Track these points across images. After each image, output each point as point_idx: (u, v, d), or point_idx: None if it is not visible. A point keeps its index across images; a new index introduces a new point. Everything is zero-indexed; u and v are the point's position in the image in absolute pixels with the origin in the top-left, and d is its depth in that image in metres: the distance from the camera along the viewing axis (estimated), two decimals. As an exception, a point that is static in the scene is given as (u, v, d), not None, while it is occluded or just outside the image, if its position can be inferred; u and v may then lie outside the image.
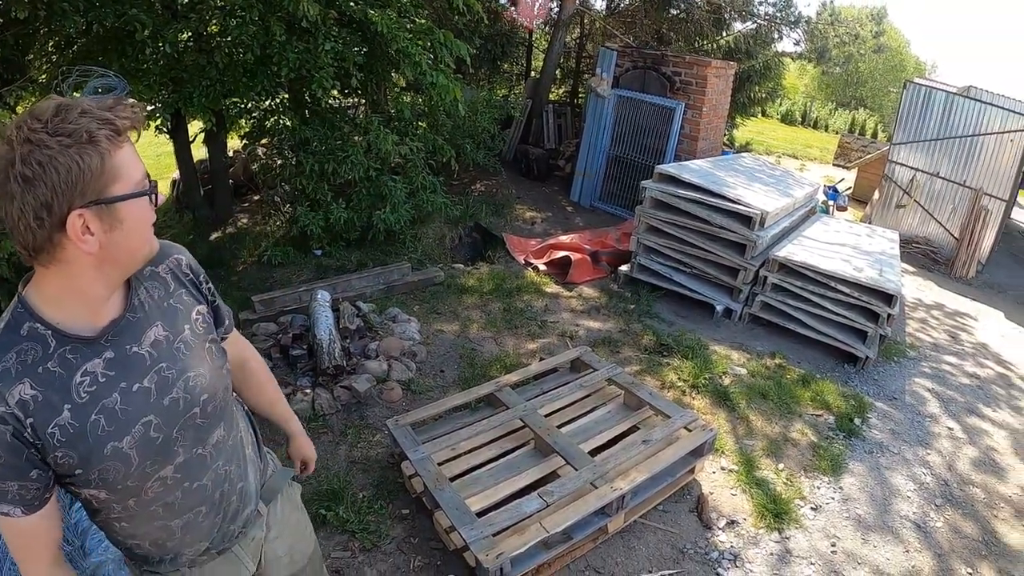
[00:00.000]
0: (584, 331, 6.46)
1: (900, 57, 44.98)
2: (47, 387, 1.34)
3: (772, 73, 16.47)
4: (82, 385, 1.39)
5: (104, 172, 1.25)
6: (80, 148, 1.21)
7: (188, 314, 1.63)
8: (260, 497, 1.94)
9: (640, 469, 3.80)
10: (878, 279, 6.23)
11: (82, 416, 1.38)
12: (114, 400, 1.43)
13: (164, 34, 6.24)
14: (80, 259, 1.30)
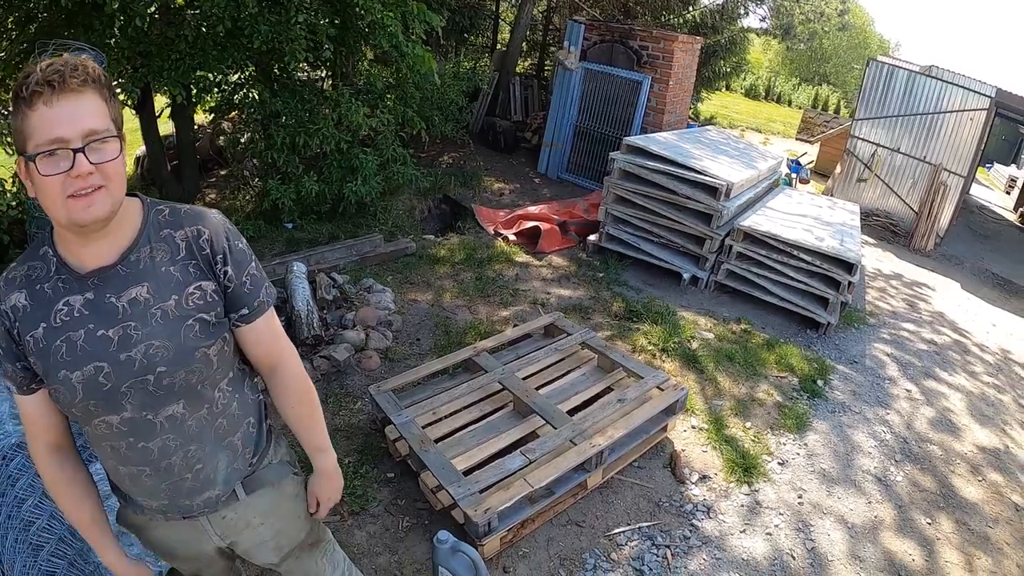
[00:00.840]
0: (555, 299, 6.58)
1: (864, 35, 45.36)
2: (36, 303, 1.55)
3: (737, 48, 16.61)
4: (60, 312, 1.55)
5: (24, 129, 1.39)
6: (17, 104, 1.39)
7: (183, 286, 1.65)
8: (243, 485, 1.92)
9: (617, 427, 3.94)
10: (839, 248, 6.41)
11: (50, 337, 1.55)
12: (79, 336, 1.56)
13: (133, 7, 6.19)
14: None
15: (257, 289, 1.78)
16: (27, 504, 2.87)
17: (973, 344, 7.17)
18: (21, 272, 1.57)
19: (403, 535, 3.65)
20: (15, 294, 1.55)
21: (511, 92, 12.57)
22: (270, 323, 1.84)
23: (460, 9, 13.26)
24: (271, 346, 1.86)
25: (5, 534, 2.79)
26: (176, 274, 1.64)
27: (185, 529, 1.89)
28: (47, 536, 2.82)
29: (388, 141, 8.15)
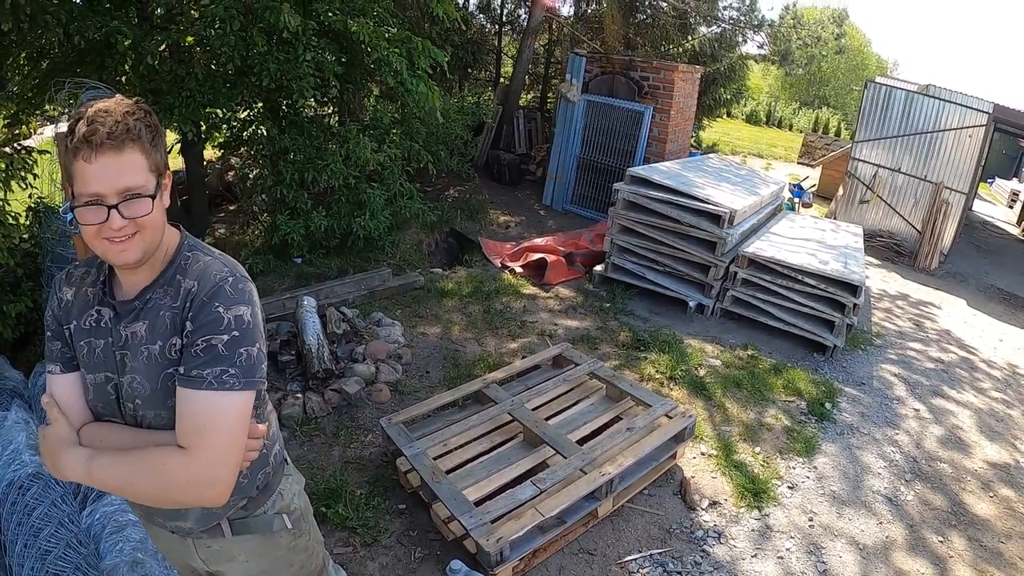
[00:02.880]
0: (563, 330, 6.64)
1: (862, 56, 45.50)
2: (76, 301, 1.74)
3: (737, 75, 16.75)
4: (89, 317, 1.72)
5: (69, 171, 1.52)
6: (64, 151, 1.51)
7: (169, 336, 1.64)
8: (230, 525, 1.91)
9: (626, 455, 3.99)
10: (843, 271, 6.47)
11: (77, 336, 1.73)
12: (99, 344, 1.71)
13: (144, 46, 6.31)
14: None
15: (208, 361, 1.60)
16: (44, 533, 2.93)
17: (980, 360, 7.21)
18: (80, 271, 1.77)
19: (415, 566, 3.68)
20: (67, 289, 1.76)
21: (515, 125, 12.68)
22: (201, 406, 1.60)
23: (463, 44, 13.44)
24: (183, 426, 1.61)
25: (23, 563, 2.83)
26: (167, 321, 1.64)
27: (174, 541, 1.96)
28: (63, 565, 2.84)
29: (395, 176, 8.25)
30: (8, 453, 3.33)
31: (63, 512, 3.09)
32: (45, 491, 3.15)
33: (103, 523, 3.16)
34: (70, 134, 1.47)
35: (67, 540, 2.94)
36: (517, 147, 12.75)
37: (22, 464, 3.25)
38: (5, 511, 3.06)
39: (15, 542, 2.91)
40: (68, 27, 5.77)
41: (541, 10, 12.02)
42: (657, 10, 13.55)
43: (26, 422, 3.61)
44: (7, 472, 3.22)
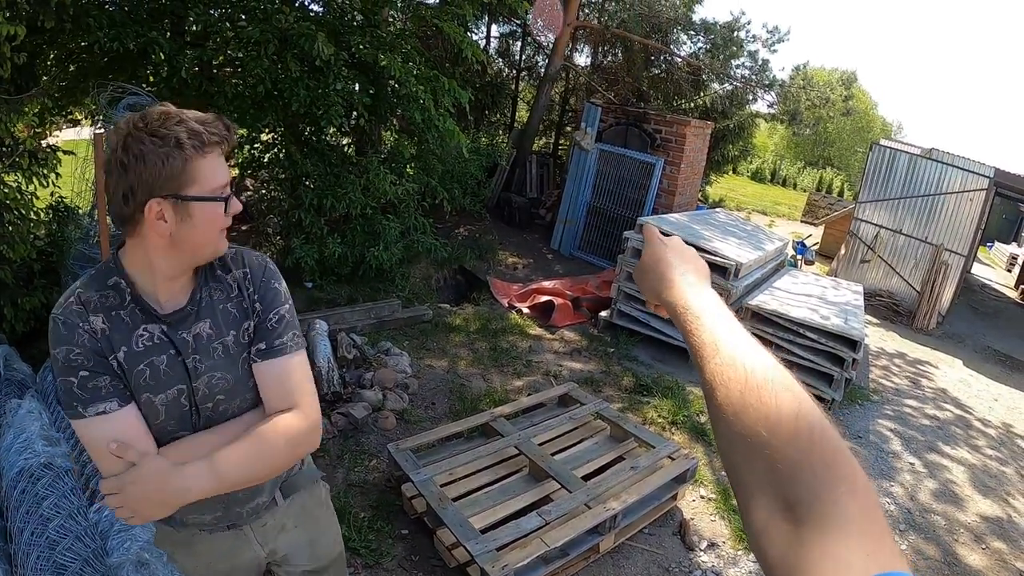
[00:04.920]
0: (567, 371, 6.74)
1: (867, 118, 45.69)
2: (114, 328, 1.62)
3: (745, 132, 16.95)
4: (141, 338, 1.65)
5: (184, 173, 1.53)
6: (168, 150, 1.49)
7: (240, 323, 1.79)
8: (280, 490, 2.04)
9: (630, 492, 4.08)
10: (843, 326, 6.58)
11: (132, 361, 1.63)
12: (161, 360, 1.67)
13: (178, 59, 6.47)
14: (151, 238, 1.57)
15: (282, 330, 1.82)
16: (53, 524, 2.91)
17: (975, 419, 7.32)
18: (94, 297, 1.61)
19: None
20: (93, 317, 1.59)
21: (527, 169, 12.83)
22: (288, 368, 1.81)
23: (483, 87, 13.65)
24: (278, 390, 1.81)
25: (29, 551, 2.83)
26: (233, 311, 1.79)
27: (228, 540, 1.98)
28: (71, 557, 2.83)
29: (411, 210, 8.37)
30: (21, 442, 3.36)
31: (73, 505, 3.09)
32: (56, 482, 3.16)
33: (111, 520, 3.14)
34: (203, 130, 1.54)
35: (76, 533, 2.93)
36: (528, 191, 12.90)
37: (34, 453, 3.26)
38: (14, 498, 3.08)
39: (23, 530, 2.92)
40: (108, 32, 5.94)
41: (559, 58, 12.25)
42: (672, 65, 13.76)
43: (39, 412, 3.64)
44: (18, 460, 3.24)
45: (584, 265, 10.83)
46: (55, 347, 1.56)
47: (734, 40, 13.62)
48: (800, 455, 0.74)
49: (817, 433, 0.76)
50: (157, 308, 1.67)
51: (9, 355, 4.60)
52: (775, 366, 0.88)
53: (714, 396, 0.89)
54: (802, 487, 0.72)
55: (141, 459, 1.58)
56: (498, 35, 15.50)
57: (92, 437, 1.57)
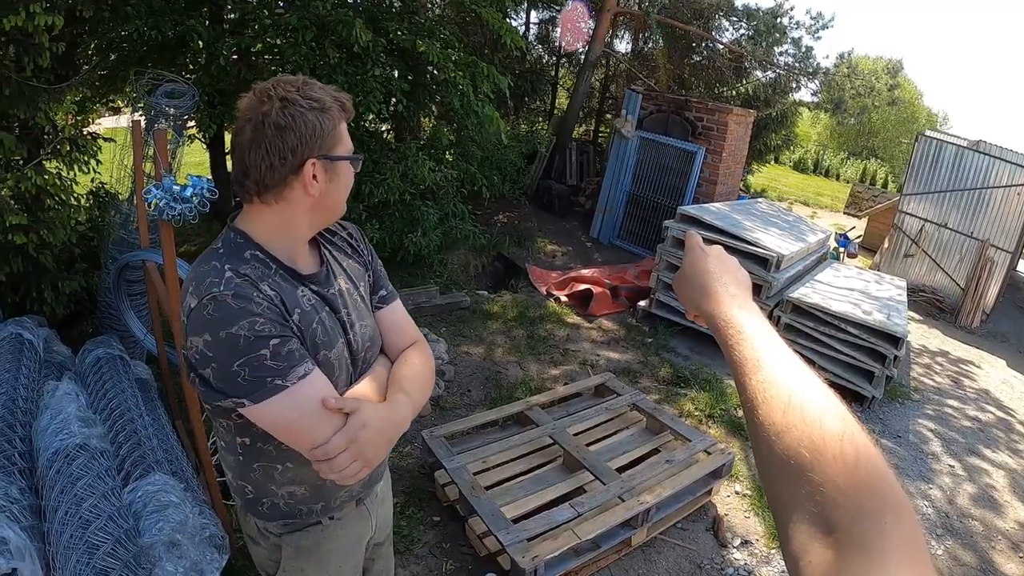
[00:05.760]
0: (604, 360, 6.72)
1: (912, 108, 44.83)
2: (280, 292, 1.59)
3: (788, 121, 16.71)
4: (304, 298, 1.66)
5: (333, 135, 1.60)
6: (321, 112, 1.56)
7: (363, 276, 1.91)
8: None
9: (664, 486, 4.06)
10: (885, 322, 6.48)
11: (307, 320, 1.63)
12: (324, 317, 1.69)
13: (216, 47, 6.52)
14: (300, 200, 1.61)
15: (386, 280, 2.00)
16: (86, 504, 2.94)
17: (1018, 422, 7.16)
18: (249, 269, 1.56)
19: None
20: (263, 286, 1.54)
21: (567, 157, 12.76)
22: (401, 311, 2.00)
23: (522, 73, 13.60)
24: (406, 328, 1.98)
25: (62, 530, 2.86)
26: (356, 266, 1.90)
27: (357, 522, 2.00)
28: (104, 536, 2.85)
29: (449, 196, 8.39)
30: (57, 422, 3.39)
31: (107, 485, 3.13)
32: (91, 463, 3.20)
33: (144, 501, 3.20)
34: (336, 104, 1.61)
35: (109, 513, 2.97)
36: (568, 178, 12.84)
37: (70, 434, 3.30)
38: (49, 478, 3.11)
39: (56, 509, 2.94)
40: (147, 21, 5.99)
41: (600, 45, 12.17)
42: (713, 52, 13.60)
43: (76, 394, 3.68)
44: (54, 441, 3.27)
45: (623, 254, 10.78)
46: (229, 326, 1.45)
47: (777, 26, 13.43)
48: (844, 480, 0.73)
49: (863, 457, 0.75)
50: (301, 270, 1.69)
51: (49, 337, 4.69)
52: (819, 386, 0.86)
53: (755, 414, 0.87)
54: (845, 512, 0.71)
55: (360, 404, 1.60)
56: (537, 21, 15.42)
57: (297, 404, 1.52)
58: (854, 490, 0.72)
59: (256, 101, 1.53)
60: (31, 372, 4.02)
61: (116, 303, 5.00)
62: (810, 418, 0.80)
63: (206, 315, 1.45)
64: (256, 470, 1.73)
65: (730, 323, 1.06)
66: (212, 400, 1.53)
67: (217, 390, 1.49)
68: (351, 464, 1.54)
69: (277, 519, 1.83)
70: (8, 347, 4.09)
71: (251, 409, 1.50)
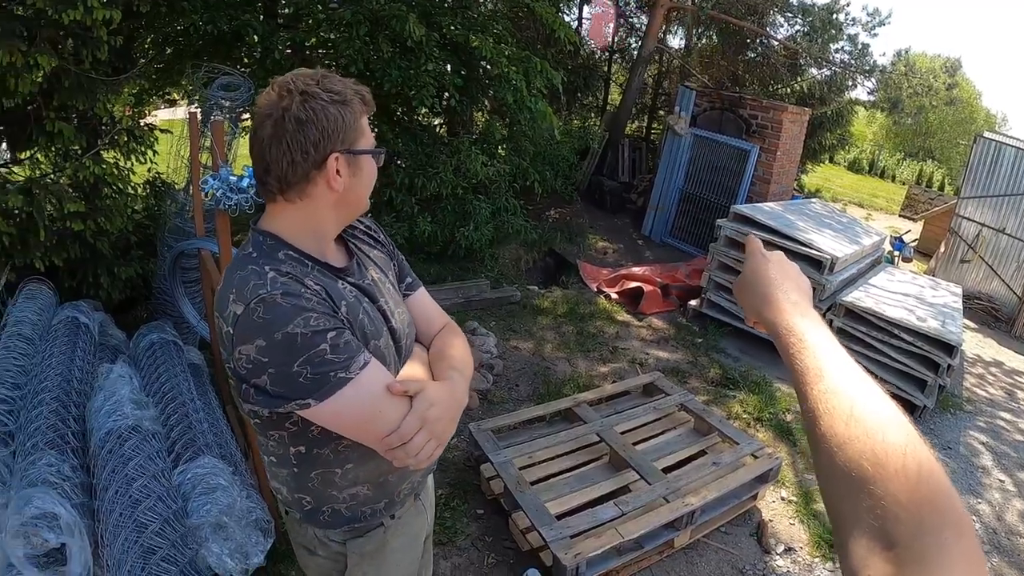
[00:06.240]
0: (653, 359, 6.71)
1: (970, 109, 43.84)
2: (324, 285, 1.55)
3: (843, 120, 16.46)
4: (346, 290, 1.63)
5: (355, 128, 1.56)
6: (343, 105, 1.53)
7: (389, 266, 1.91)
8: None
9: (710, 488, 4.04)
10: (940, 330, 6.37)
11: (353, 312, 1.60)
12: (368, 308, 1.67)
13: (271, 41, 6.61)
14: (324, 196, 1.57)
15: (409, 268, 2.02)
16: (137, 484, 3.03)
17: (1073, 440, 7.01)
18: (288, 267, 1.52)
19: (487, 571, 3.80)
20: (308, 282, 1.51)
21: (620, 153, 12.72)
22: (427, 296, 2.02)
23: (575, 69, 13.57)
24: (436, 312, 2.01)
25: (112, 508, 2.94)
26: (382, 256, 1.91)
27: (415, 518, 2.00)
28: (152, 516, 2.94)
29: (502, 191, 8.42)
30: (111, 404, 3.47)
31: (157, 466, 3.23)
32: (142, 444, 3.29)
33: (193, 483, 3.27)
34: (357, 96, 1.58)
35: (159, 493, 3.06)
36: (620, 175, 12.80)
37: (123, 416, 3.38)
38: (101, 458, 3.18)
39: (107, 488, 3.02)
40: (203, 16, 6.10)
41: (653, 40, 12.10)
42: (768, 48, 13.48)
43: (130, 377, 3.77)
44: (107, 421, 3.35)
45: (675, 252, 10.73)
46: (284, 326, 1.41)
47: (833, 23, 13.29)
48: (906, 494, 0.72)
49: (925, 471, 0.74)
50: (334, 265, 1.67)
51: (104, 322, 4.81)
52: (882, 397, 0.86)
53: (816, 424, 0.87)
54: (905, 527, 0.70)
55: (423, 385, 1.60)
56: (589, 16, 15.36)
57: (364, 394, 1.49)
58: (915, 505, 0.71)
59: (276, 96, 1.51)
60: (86, 354, 4.13)
61: (171, 289, 5.12)
62: (872, 430, 0.80)
63: (256, 319, 1.41)
64: (314, 479, 1.70)
65: (792, 331, 1.05)
66: (271, 407, 1.48)
67: (276, 396, 1.45)
68: (426, 444, 1.53)
69: (340, 526, 1.80)
70: (64, 330, 4.21)
71: (317, 408, 1.46)
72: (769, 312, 1.16)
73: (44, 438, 3.22)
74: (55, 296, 4.73)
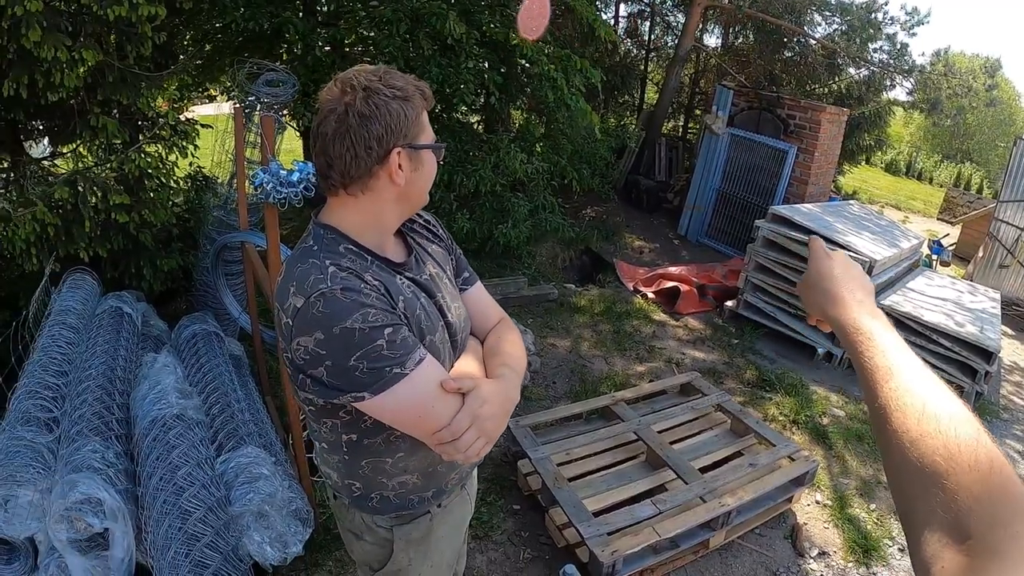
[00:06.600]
0: (689, 359, 6.73)
1: (1010, 110, 42.95)
2: (383, 281, 1.57)
3: (881, 121, 16.31)
4: (404, 285, 1.65)
5: (416, 123, 1.58)
6: (405, 100, 1.55)
7: (447, 261, 1.93)
8: None
9: (746, 489, 4.06)
10: (979, 335, 6.34)
11: (411, 307, 1.62)
12: (424, 303, 1.69)
13: (311, 38, 6.69)
14: (386, 190, 1.60)
15: (466, 263, 2.04)
16: (181, 472, 3.11)
17: (1111, 450, 6.93)
18: (346, 263, 1.54)
19: (523, 566, 3.84)
20: (368, 277, 1.53)
21: (656, 152, 12.68)
22: (484, 291, 2.04)
23: (612, 67, 13.57)
24: (492, 307, 2.03)
25: (156, 495, 3.01)
26: (440, 251, 1.92)
27: (460, 506, 2.05)
28: (196, 504, 3.01)
29: (540, 189, 8.46)
30: (155, 392, 3.56)
31: (201, 455, 3.30)
32: (186, 432, 3.36)
33: (236, 472, 3.34)
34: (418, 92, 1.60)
35: (202, 481, 3.13)
36: (657, 174, 12.76)
37: (168, 404, 3.46)
38: (146, 445, 3.26)
39: (152, 475, 3.10)
40: (243, 13, 6.19)
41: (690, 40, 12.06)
42: (806, 48, 13.38)
43: (174, 366, 3.86)
44: (152, 410, 3.44)
45: (711, 252, 10.70)
46: (343, 321, 1.44)
47: (871, 22, 13.13)
48: (979, 487, 0.75)
49: (996, 465, 0.77)
50: (393, 260, 1.70)
51: (147, 312, 4.92)
52: (951, 395, 0.89)
53: (888, 421, 0.89)
54: (979, 519, 0.73)
55: (476, 382, 1.62)
56: (626, 14, 15.36)
57: (418, 390, 1.52)
58: (988, 497, 0.74)
59: (339, 91, 1.53)
60: (129, 344, 4.23)
61: (213, 281, 5.21)
62: (945, 426, 0.82)
63: (316, 313, 1.44)
64: (365, 466, 1.75)
65: (860, 330, 1.08)
66: (327, 398, 1.53)
67: (332, 387, 1.49)
68: (476, 441, 1.55)
69: (389, 512, 1.84)
70: (108, 319, 4.31)
71: (371, 401, 1.50)
72: (835, 310, 1.19)
73: (89, 425, 3.30)
74: (99, 286, 4.82)
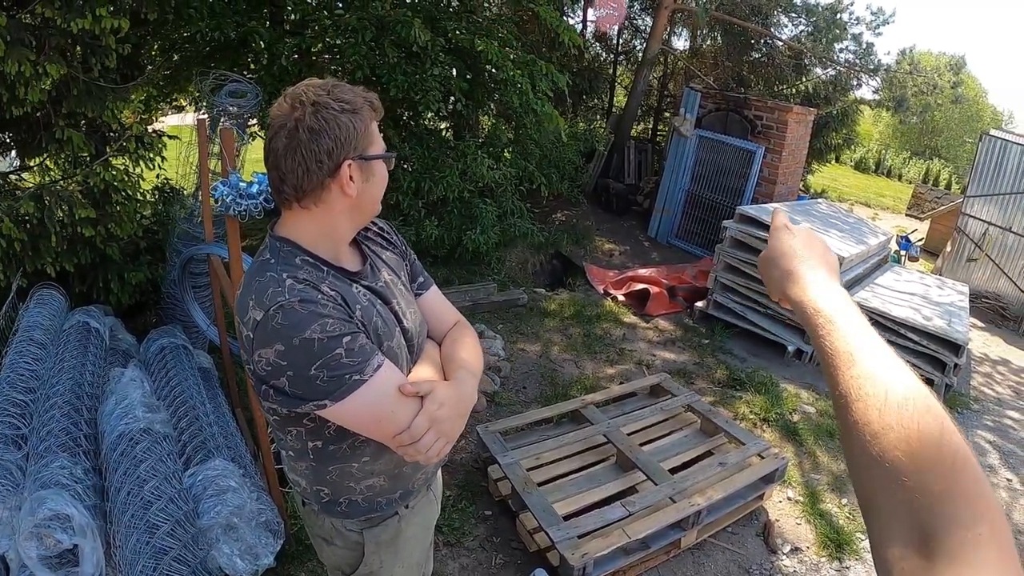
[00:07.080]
0: (660, 361, 6.73)
1: (977, 107, 43.62)
2: (339, 290, 1.60)
3: (849, 120, 16.40)
4: (360, 293, 1.68)
5: (366, 135, 1.60)
6: (353, 113, 1.56)
7: (401, 267, 1.95)
8: None
9: (716, 488, 4.06)
10: (946, 329, 6.39)
11: (367, 315, 1.66)
12: (381, 310, 1.72)
13: (278, 48, 6.66)
14: (339, 202, 1.61)
15: (421, 267, 2.05)
16: (149, 485, 3.06)
17: (1081, 437, 7.00)
18: (305, 275, 1.57)
19: (495, 571, 3.82)
20: (324, 287, 1.56)
21: (625, 155, 12.69)
22: (439, 295, 2.06)
23: (580, 71, 13.59)
24: (447, 310, 2.05)
25: (124, 510, 2.97)
26: (394, 257, 1.94)
27: (427, 507, 2.08)
28: (164, 517, 2.96)
29: (508, 194, 8.46)
30: (122, 407, 3.50)
31: (168, 468, 3.24)
32: (154, 446, 3.31)
33: (204, 485, 3.30)
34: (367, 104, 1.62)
35: (170, 495, 3.08)
36: (626, 177, 12.78)
37: (135, 419, 3.40)
38: (113, 460, 3.22)
39: (119, 489, 3.05)
40: (209, 23, 6.16)
41: (657, 42, 12.12)
42: (773, 49, 13.46)
43: (141, 380, 3.80)
44: (119, 424, 3.37)
45: (681, 253, 10.74)
46: (302, 332, 1.47)
47: (837, 22, 13.29)
48: (941, 485, 0.71)
49: (960, 461, 0.73)
50: (348, 269, 1.72)
51: (115, 326, 4.87)
52: (916, 383, 0.83)
53: (848, 411, 0.84)
54: (940, 519, 0.70)
55: (433, 386, 1.66)
56: (594, 19, 15.39)
57: (377, 395, 1.56)
58: (950, 496, 0.70)
59: (288, 107, 1.54)
60: (97, 359, 4.17)
61: (180, 294, 5.16)
62: (907, 420, 0.77)
63: (275, 325, 1.47)
64: (332, 472, 1.77)
65: (820, 312, 1.01)
66: (290, 407, 1.55)
67: (294, 397, 1.52)
68: (435, 442, 1.60)
69: (358, 516, 1.87)
70: (75, 335, 4.25)
71: (333, 409, 1.53)
72: (794, 290, 1.12)
73: (56, 441, 3.26)
74: (66, 301, 4.76)
